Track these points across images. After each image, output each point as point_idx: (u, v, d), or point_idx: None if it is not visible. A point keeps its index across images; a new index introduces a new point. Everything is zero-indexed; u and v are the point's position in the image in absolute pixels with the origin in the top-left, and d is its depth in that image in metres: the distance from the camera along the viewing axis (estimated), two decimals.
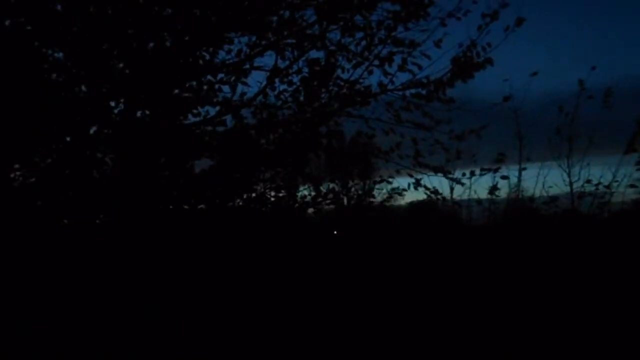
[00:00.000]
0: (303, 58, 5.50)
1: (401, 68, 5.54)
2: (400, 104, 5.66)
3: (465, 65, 5.42)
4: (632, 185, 5.88)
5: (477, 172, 5.87)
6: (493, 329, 4.89)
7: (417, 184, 5.85)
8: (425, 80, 5.54)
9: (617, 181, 5.89)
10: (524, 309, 5.10)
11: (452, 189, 6.37)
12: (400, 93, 5.64)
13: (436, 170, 5.81)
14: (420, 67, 5.53)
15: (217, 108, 5.64)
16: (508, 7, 5.36)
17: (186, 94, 5.47)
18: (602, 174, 6.03)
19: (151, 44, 5.27)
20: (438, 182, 6.00)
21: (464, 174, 5.91)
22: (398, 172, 5.99)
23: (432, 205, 7.94)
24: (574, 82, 5.97)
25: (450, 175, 5.88)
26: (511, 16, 5.44)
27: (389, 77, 5.58)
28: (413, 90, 5.59)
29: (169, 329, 4.78)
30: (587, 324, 4.86)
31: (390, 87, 5.62)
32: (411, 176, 5.89)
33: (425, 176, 5.89)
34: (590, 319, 4.91)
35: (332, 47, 5.44)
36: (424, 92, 5.56)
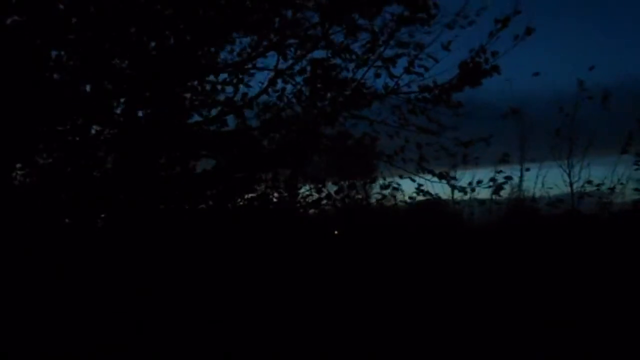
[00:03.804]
0: (306, 58, 5.50)
1: (407, 70, 5.54)
2: (406, 107, 5.65)
3: (473, 71, 5.41)
4: (637, 190, 5.91)
5: (484, 181, 5.86)
6: (494, 329, 4.89)
7: (420, 190, 5.85)
8: (431, 84, 5.53)
9: (622, 183, 5.92)
10: (526, 309, 5.10)
11: (453, 188, 6.37)
12: (406, 96, 5.63)
13: (440, 176, 5.80)
14: (427, 69, 5.52)
15: (219, 108, 5.63)
16: (520, 14, 5.35)
17: (188, 94, 5.46)
18: (603, 174, 6.07)
19: (153, 44, 5.26)
20: (440, 186, 6.00)
21: (469, 184, 5.92)
22: (401, 177, 5.96)
23: (434, 206, 7.93)
24: (576, 82, 5.99)
25: (454, 183, 5.88)
26: (519, 23, 5.44)
27: (395, 79, 5.58)
28: (419, 94, 5.58)
29: (170, 329, 4.76)
30: (588, 323, 4.87)
31: (396, 89, 5.60)
32: (414, 181, 5.88)
33: (427, 181, 5.88)
34: (592, 319, 4.92)
35: (336, 48, 5.43)
36: (430, 96, 5.55)
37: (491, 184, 5.82)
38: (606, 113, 6.21)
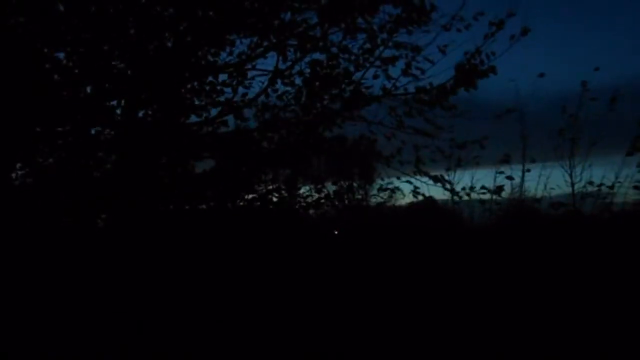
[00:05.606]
0: (305, 59, 5.53)
1: (405, 72, 5.60)
2: (403, 109, 5.70)
3: (469, 72, 5.46)
4: (635, 187, 5.89)
5: (477, 187, 5.92)
6: (494, 331, 4.88)
7: (416, 192, 5.90)
8: (428, 87, 5.60)
9: (619, 182, 5.89)
10: (526, 310, 5.10)
11: (448, 191, 6.38)
12: (403, 97, 5.69)
13: (436, 180, 5.84)
14: (423, 72, 5.60)
15: (219, 108, 5.64)
16: (515, 16, 5.43)
17: (188, 95, 5.47)
18: (604, 174, 6.04)
19: (153, 45, 5.26)
20: (437, 189, 6.05)
21: (463, 189, 5.96)
22: (398, 179, 6.06)
23: (433, 205, 7.93)
24: (579, 83, 5.97)
25: (449, 187, 5.93)
26: (516, 23, 5.50)
27: (392, 81, 5.64)
28: (415, 96, 5.63)
29: (170, 329, 4.77)
30: (589, 324, 4.86)
31: (393, 91, 5.66)
32: (410, 183, 5.92)
33: (424, 184, 5.93)
34: (592, 320, 4.91)
35: (334, 49, 5.46)
36: (426, 97, 5.60)
37: (484, 191, 5.89)
38: (609, 113, 6.16)
